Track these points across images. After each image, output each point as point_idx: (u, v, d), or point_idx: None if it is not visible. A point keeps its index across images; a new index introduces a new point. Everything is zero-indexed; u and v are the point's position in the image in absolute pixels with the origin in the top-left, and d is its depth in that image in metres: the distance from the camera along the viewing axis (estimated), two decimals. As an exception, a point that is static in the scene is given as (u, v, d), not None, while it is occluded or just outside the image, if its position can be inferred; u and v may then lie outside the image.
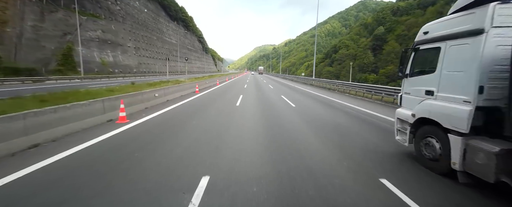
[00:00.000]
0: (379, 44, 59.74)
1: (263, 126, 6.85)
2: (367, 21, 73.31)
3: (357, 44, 66.51)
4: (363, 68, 57.10)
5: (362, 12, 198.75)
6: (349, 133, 6.34)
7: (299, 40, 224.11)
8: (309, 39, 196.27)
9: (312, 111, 10.18)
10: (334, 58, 67.64)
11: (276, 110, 9.98)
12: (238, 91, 19.11)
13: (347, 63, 61.67)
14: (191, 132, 5.86)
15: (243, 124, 7.11)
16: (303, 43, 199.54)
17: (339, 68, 63.13)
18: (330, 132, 6.38)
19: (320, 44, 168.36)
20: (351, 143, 5.22)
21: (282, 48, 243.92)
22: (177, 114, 8.66)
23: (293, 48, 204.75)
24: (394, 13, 67.88)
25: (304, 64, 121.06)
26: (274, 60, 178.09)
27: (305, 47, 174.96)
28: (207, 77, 31.75)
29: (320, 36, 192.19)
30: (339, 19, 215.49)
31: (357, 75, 57.37)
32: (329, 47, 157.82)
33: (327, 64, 69.53)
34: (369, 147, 4.92)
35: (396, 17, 64.53)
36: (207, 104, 11.68)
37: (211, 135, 5.67)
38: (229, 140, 5.30)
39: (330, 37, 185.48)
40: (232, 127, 6.67)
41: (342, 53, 65.38)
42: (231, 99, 13.34)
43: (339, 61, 64.48)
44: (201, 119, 7.74)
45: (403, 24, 57.96)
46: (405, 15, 63.34)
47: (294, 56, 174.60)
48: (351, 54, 63.11)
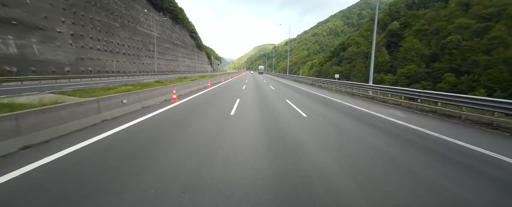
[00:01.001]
0: (394, 40, 53.20)
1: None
2: (378, 16, 66.63)
3: (368, 41, 59.94)
4: (378, 67, 50.53)
5: (365, 11, 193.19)
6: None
7: (300, 39, 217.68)
8: (310, 38, 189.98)
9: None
10: (342, 57, 61.07)
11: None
12: (232, 98, 12.64)
13: (358, 61, 55.22)
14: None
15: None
16: (304, 41, 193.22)
17: (348, 67, 56.55)
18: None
19: (322, 43, 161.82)
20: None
21: (283, 47, 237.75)
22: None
23: (294, 47, 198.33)
24: (409, 7, 61.36)
25: (307, 63, 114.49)
26: (274, 59, 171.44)
27: (307, 46, 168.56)
28: (193, 79, 24.99)
29: (322, 35, 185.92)
30: (341, 18, 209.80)
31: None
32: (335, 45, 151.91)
33: (334, 63, 62.95)
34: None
35: (412, 11, 58.01)
36: (180, 123, 6.09)
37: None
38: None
39: (333, 36, 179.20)
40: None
41: (351, 50, 58.83)
42: (223, 111, 7.10)
43: (348, 60, 57.93)
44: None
45: (422, 18, 51.42)
46: (423, 8, 56.86)
47: (295, 55, 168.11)
48: (362, 52, 56.57)
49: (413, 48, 46.54)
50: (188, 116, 6.77)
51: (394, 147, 4.37)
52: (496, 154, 4.12)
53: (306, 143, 4.39)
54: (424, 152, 4.16)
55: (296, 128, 5.59)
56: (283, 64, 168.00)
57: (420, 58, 44.14)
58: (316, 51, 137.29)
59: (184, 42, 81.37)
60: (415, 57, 45.25)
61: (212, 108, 8.71)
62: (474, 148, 4.43)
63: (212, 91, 15.85)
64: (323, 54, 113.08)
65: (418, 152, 4.13)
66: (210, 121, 6.27)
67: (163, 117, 6.49)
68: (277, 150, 3.96)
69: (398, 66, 46.55)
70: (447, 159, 3.88)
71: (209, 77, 28.76)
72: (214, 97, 12.33)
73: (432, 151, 4.21)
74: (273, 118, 6.96)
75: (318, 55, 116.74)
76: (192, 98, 11.65)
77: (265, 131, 5.29)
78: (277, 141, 4.50)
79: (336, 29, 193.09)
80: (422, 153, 4.10)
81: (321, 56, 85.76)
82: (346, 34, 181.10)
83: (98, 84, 18.94)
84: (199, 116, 6.92)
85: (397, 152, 4.08)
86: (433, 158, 3.88)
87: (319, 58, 79.98)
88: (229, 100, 11.33)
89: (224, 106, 9.22)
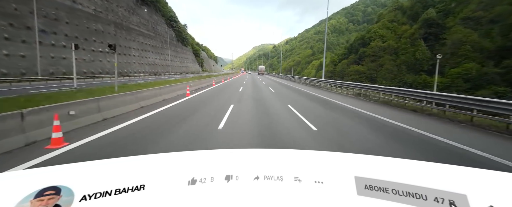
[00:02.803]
0: (433, 32, 41.29)
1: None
2: (403, 5, 54.76)
3: (396, 33, 48.03)
4: (415, 67, 38.62)
5: (371, 7, 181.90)
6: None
7: (302, 37, 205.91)
8: (313, 36, 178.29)
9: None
10: (363, 54, 49.09)
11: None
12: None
13: (385, 59, 43.26)
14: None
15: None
16: (307, 40, 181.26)
17: (373, 66, 44.55)
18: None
19: (327, 41, 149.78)
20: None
21: (283, 46, 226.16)
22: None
23: (295, 46, 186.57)
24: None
25: (312, 63, 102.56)
26: (274, 59, 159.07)
27: (310, 45, 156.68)
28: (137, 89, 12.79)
29: (326, 33, 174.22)
30: (345, 15, 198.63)
31: (405, 76, 38.88)
32: (341, 43, 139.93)
33: (352, 61, 50.87)
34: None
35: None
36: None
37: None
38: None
39: (337, 34, 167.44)
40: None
41: (375, 45, 46.83)
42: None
43: (372, 57, 45.90)
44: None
45: (472, 2, 39.51)
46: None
47: (297, 54, 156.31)
48: (391, 48, 44.57)
49: (466, 40, 34.63)
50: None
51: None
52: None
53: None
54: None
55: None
56: (284, 64, 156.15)
57: (481, 54, 32.25)
58: (321, 50, 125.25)
59: (155, 32, 59.94)
60: (472, 52, 33.34)
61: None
62: None
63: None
64: (335, 52, 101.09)
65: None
66: None
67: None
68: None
69: (447, 64, 34.52)
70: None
71: (185, 82, 16.55)
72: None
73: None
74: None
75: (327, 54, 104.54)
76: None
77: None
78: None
79: (340, 26, 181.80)
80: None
81: (334, 55, 73.56)
82: (351, 32, 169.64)
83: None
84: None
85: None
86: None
87: (331, 56, 67.96)
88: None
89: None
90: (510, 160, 4.32)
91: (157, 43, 60.24)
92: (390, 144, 5.27)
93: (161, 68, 57.80)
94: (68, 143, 4.51)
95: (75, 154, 4.06)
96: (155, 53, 57.47)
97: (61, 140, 4.42)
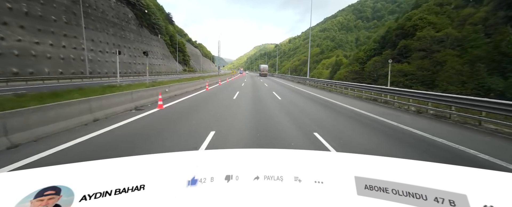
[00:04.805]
0: (519, 14, 28.11)
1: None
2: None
3: (451, 19, 34.86)
4: (500, 65, 25.44)
5: (380, 3, 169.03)
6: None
7: (305, 35, 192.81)
8: (319, 34, 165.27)
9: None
10: (405, 48, 35.85)
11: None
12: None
13: (446, 54, 30.14)
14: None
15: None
16: (312, 38, 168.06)
17: (426, 64, 31.37)
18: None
19: (336, 38, 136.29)
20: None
21: (286, 45, 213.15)
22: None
23: (299, 45, 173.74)
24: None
25: (321, 62, 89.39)
26: (276, 58, 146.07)
27: (317, 43, 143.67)
28: None
29: (333, 30, 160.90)
30: (353, 11, 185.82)
31: (486, 79, 25.69)
32: (350, 40, 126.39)
33: (390, 57, 37.47)
34: None
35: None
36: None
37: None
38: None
39: (345, 31, 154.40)
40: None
41: (425, 36, 33.62)
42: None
43: (425, 53, 32.67)
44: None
45: None
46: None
47: (302, 53, 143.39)
48: (452, 38, 31.37)
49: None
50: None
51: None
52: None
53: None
54: None
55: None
56: (288, 64, 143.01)
57: None
58: (331, 48, 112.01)
59: (105, 14, 40.90)
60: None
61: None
62: None
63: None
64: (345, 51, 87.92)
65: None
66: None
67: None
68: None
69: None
70: None
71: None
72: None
73: None
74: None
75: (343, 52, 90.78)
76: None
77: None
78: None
79: (348, 23, 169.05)
80: None
81: (358, 50, 59.87)
82: (359, 29, 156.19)
83: None
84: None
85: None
86: None
87: (355, 53, 54.56)
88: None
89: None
90: None
91: (102, 25, 39.58)
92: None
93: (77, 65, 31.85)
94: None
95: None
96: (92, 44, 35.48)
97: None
